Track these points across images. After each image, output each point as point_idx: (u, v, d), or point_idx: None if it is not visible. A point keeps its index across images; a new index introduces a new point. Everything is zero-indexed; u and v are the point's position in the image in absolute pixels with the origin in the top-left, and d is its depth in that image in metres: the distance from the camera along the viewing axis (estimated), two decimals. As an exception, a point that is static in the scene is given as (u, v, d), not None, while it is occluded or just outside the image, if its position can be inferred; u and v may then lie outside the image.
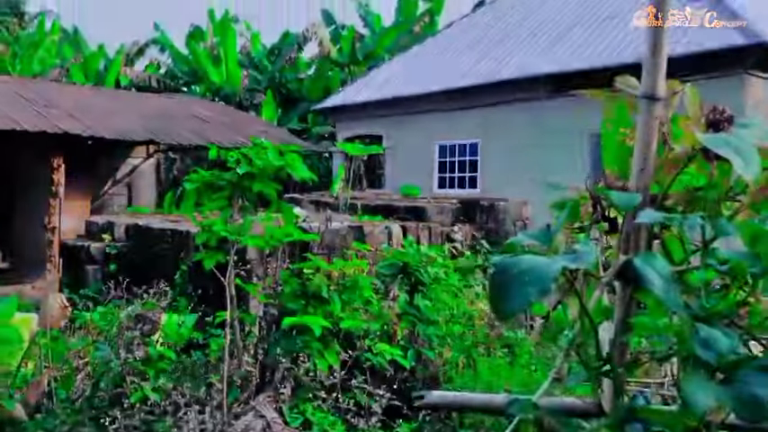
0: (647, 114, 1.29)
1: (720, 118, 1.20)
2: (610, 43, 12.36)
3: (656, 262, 1.02)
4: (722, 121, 1.20)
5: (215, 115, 17.80)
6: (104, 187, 15.81)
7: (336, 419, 3.65)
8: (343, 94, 17.97)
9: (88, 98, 16.38)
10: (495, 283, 1.08)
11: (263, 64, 24.59)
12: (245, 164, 4.16)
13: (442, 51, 16.84)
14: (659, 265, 1.01)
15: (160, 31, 25.13)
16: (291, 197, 9.64)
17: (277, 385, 3.84)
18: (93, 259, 7.96)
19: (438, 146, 15.15)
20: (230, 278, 3.95)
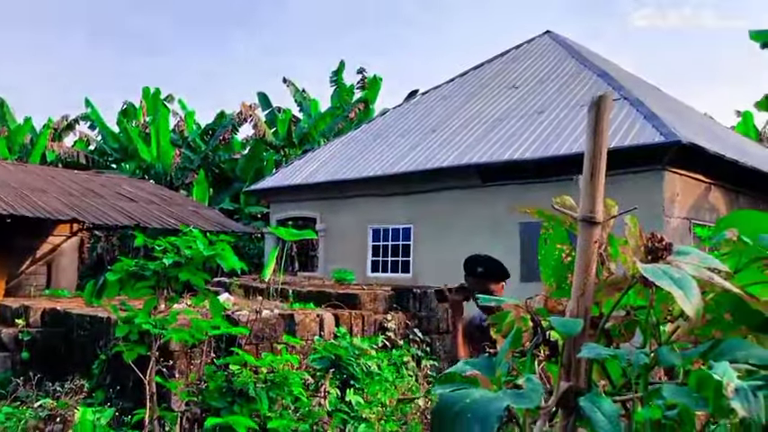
0: (585, 237, 1.29)
1: (659, 246, 1.21)
2: (539, 136, 12.89)
3: (602, 403, 0.98)
4: (660, 249, 1.21)
5: (144, 194, 17.44)
6: (22, 266, 15.06)
7: None
8: (278, 176, 17.98)
9: (10, 174, 15.81)
10: (438, 418, 1.02)
11: (197, 143, 24.50)
12: (172, 253, 4.02)
13: (376, 138, 17.20)
14: (606, 407, 0.98)
15: (91, 106, 24.80)
16: (219, 281, 9.39)
17: (197, 492, 3.58)
18: (3, 346, 7.45)
19: (372, 230, 15.23)
20: (151, 375, 3.73)
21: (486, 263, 3.47)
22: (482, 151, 13.38)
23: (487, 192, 13.10)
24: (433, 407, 1.02)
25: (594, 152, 1.29)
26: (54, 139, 25.67)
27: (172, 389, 4.35)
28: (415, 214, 14.35)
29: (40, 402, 4.79)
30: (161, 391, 4.32)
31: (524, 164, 12.30)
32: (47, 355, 7.31)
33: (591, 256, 1.29)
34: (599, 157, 1.30)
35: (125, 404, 5.52)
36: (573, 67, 15.72)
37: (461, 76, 18.70)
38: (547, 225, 1.55)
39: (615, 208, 1.39)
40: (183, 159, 24.06)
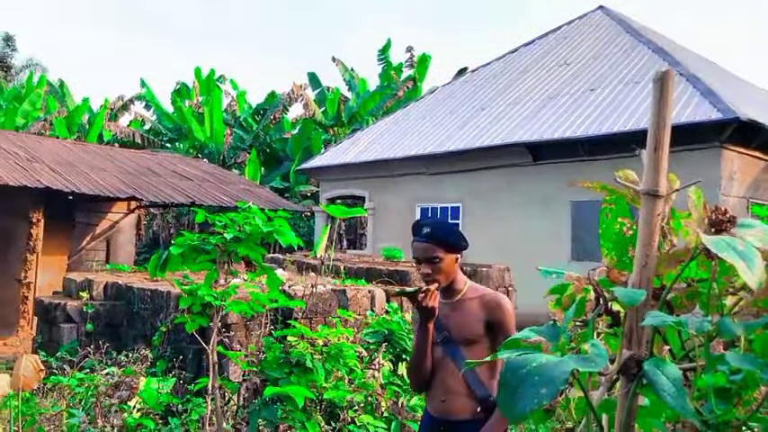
0: (648, 210, 1.32)
1: (722, 218, 1.23)
2: (591, 114, 12.68)
3: (666, 367, 1.02)
4: (724, 221, 1.23)
5: (199, 173, 17.83)
6: (82, 243, 15.63)
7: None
8: (327, 155, 18.14)
9: (71, 153, 16.35)
10: (504, 381, 1.07)
11: (248, 123, 24.84)
12: (232, 229, 4.15)
13: (424, 116, 17.16)
14: (670, 371, 1.01)
15: (146, 87, 25.36)
16: (273, 257, 9.59)
17: (258, 457, 3.73)
18: (69, 318, 7.79)
19: (420, 208, 15.27)
20: (213, 344, 3.88)
21: (434, 224, 2.77)
22: (533, 129, 13.24)
23: (538, 170, 12.98)
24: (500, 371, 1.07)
25: (659, 125, 1.31)
26: (110, 119, 26.37)
27: (232, 358, 4.51)
28: (464, 193, 14.33)
29: (107, 371, 5.03)
30: (220, 361, 4.49)
31: (576, 142, 12.14)
32: (109, 326, 7.63)
33: (653, 229, 1.31)
34: (663, 130, 1.32)
35: (185, 374, 5.75)
36: (627, 43, 15.34)
37: (512, 53, 18.45)
38: (608, 199, 1.58)
39: (677, 182, 1.41)
40: (235, 139, 24.46)
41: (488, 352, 2.65)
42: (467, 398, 2.66)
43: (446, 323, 2.73)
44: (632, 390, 1.21)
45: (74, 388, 4.46)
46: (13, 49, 37.57)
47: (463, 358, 2.64)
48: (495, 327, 2.69)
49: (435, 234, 2.72)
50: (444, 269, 2.71)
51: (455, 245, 2.76)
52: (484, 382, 2.66)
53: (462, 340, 2.69)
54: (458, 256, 2.79)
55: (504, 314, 2.70)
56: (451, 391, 2.68)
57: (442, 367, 2.71)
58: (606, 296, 1.33)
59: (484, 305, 2.72)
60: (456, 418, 2.67)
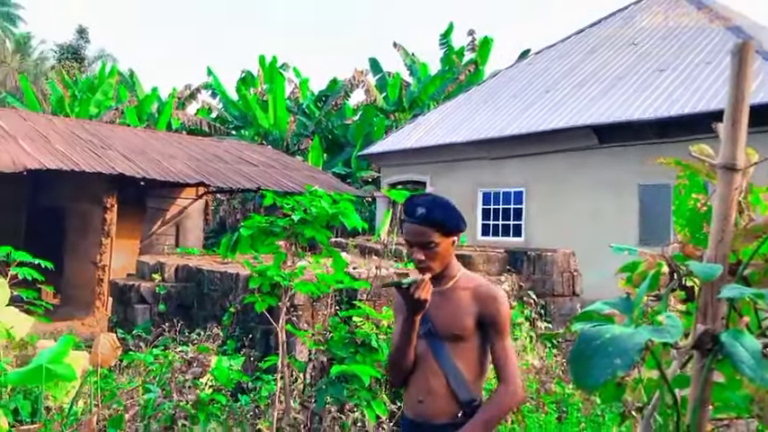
0: (725, 184, 1.30)
1: (803, 192, 1.20)
2: (660, 95, 12.30)
3: (744, 339, 1.01)
4: (805, 195, 1.20)
5: (264, 159, 18.18)
6: (153, 227, 16.19)
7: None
8: (388, 141, 18.20)
9: (142, 140, 16.91)
10: (578, 352, 1.08)
11: (311, 109, 25.12)
12: (299, 211, 4.24)
13: (486, 100, 16.99)
14: (748, 343, 1.00)
15: (212, 75, 25.93)
16: (337, 241, 9.72)
17: (325, 434, 3.83)
18: (142, 299, 8.12)
19: (482, 193, 15.16)
20: (282, 323, 3.99)
21: (431, 203, 2.39)
22: (599, 111, 12.94)
23: (604, 153, 12.69)
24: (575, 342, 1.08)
25: (737, 98, 1.29)
26: (178, 107, 27.11)
27: (300, 337, 4.63)
28: (527, 177, 14.15)
29: (180, 348, 5.23)
30: (288, 340, 4.60)
31: (644, 124, 11.80)
32: (181, 307, 7.91)
33: (730, 204, 1.29)
34: (741, 104, 1.30)
35: (253, 353, 5.93)
36: (698, 21, 14.77)
37: (577, 33, 18.03)
38: (681, 175, 1.56)
39: (755, 156, 1.38)
40: (298, 125, 24.80)
41: (478, 351, 2.36)
42: (447, 399, 2.33)
43: (432, 314, 2.38)
44: (707, 365, 1.21)
45: (149, 364, 4.66)
46: (86, 41, 38.98)
47: (447, 356, 2.34)
48: (488, 322, 2.35)
49: (432, 216, 2.34)
50: (440, 255, 2.36)
51: (453, 227, 2.39)
52: (469, 383, 2.33)
53: (448, 335, 2.36)
54: (455, 239, 2.42)
55: (498, 308, 2.36)
56: (431, 391, 2.36)
57: (423, 364, 2.39)
58: (681, 271, 1.32)
59: (477, 297, 2.36)
60: (434, 421, 2.36)
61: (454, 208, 2.44)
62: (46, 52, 41.54)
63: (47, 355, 4.85)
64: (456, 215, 2.42)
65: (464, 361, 2.34)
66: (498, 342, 2.33)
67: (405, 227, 2.41)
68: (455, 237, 2.40)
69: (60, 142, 14.18)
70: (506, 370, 2.31)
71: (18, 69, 36.04)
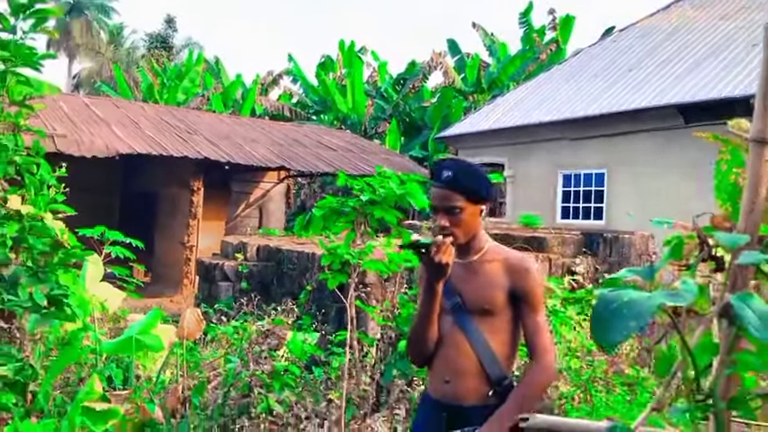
0: (756, 157, 1.33)
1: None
2: (751, 72, 11.73)
3: (753, 301, 1.06)
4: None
5: (341, 143, 18.49)
6: (238, 210, 16.80)
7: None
8: (466, 122, 18.12)
9: (226, 126, 17.54)
10: (597, 314, 1.16)
11: (389, 93, 25.26)
12: (368, 191, 4.38)
13: (567, 79, 16.63)
14: (756, 305, 1.05)
15: (293, 61, 26.46)
16: (411, 223, 9.84)
17: (392, 406, 3.98)
18: (226, 277, 8.52)
19: (562, 175, 14.91)
20: (351, 299, 4.15)
21: (458, 167, 2.26)
22: (685, 90, 12.46)
23: (690, 133, 12.23)
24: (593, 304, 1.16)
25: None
26: (261, 93, 27.85)
27: (369, 312, 4.80)
28: (609, 158, 13.81)
29: (259, 322, 5.50)
30: (359, 316, 4.78)
31: (733, 102, 11.29)
32: (261, 285, 8.25)
33: (761, 176, 1.32)
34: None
35: (328, 329, 6.15)
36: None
37: (664, 9, 17.35)
38: (724, 150, 1.58)
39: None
40: (376, 109, 25.01)
41: (509, 326, 2.23)
42: (477, 379, 2.20)
43: (459, 287, 2.26)
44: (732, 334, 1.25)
45: (230, 336, 4.95)
46: (174, 30, 40.49)
47: (477, 331, 2.21)
48: (521, 296, 2.21)
49: (458, 179, 2.21)
50: (465, 222, 2.22)
51: (481, 194, 2.25)
52: (500, 361, 2.21)
53: (478, 309, 2.22)
54: (482, 207, 2.27)
55: (532, 282, 2.23)
56: (459, 370, 2.22)
57: (450, 341, 2.25)
58: (710, 242, 1.36)
59: (508, 269, 2.22)
60: (462, 403, 2.21)
61: (483, 175, 2.32)
62: (137, 42, 43.50)
63: (137, 327, 5.21)
64: (484, 182, 2.28)
65: (495, 337, 2.21)
66: (530, 317, 2.20)
67: (431, 191, 2.29)
68: (483, 205, 2.26)
69: (150, 128, 14.92)
70: (539, 346, 2.19)
71: (112, 59, 37.91)
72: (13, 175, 4.16)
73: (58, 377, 4.35)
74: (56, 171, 4.32)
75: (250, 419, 3.90)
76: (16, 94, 4.17)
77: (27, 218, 4.06)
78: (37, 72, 4.28)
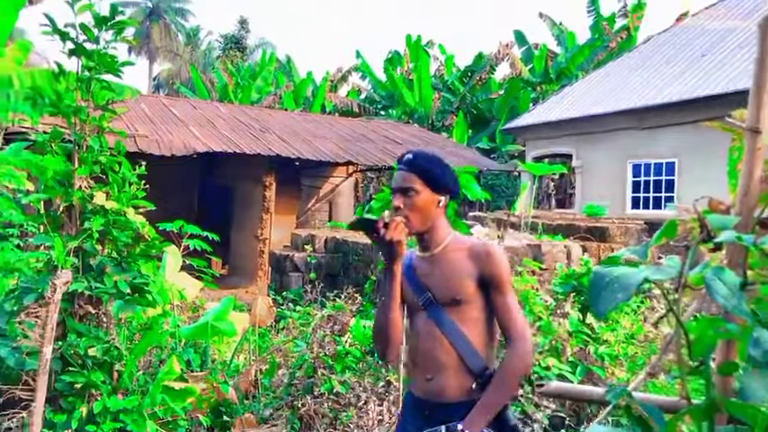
0: (750, 145, 1.45)
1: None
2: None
3: (723, 274, 1.20)
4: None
5: (409, 137, 18.68)
6: (308, 204, 17.27)
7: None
8: (534, 113, 17.99)
9: (296, 123, 18.02)
10: (593, 286, 1.32)
11: (455, 86, 25.28)
12: (425, 184, 4.57)
13: (638, 67, 16.27)
14: (726, 277, 1.19)
15: (361, 58, 26.81)
16: (475, 215, 9.96)
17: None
18: (296, 267, 8.87)
19: (632, 165, 14.65)
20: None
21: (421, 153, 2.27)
22: (761, 74, 12.03)
23: (766, 119, 11.82)
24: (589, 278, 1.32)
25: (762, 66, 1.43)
26: (331, 90, 28.35)
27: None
28: (680, 147, 13.48)
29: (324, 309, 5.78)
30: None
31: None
32: (329, 275, 8.56)
33: (755, 162, 1.44)
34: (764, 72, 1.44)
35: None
36: None
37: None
38: (735, 138, 1.69)
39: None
40: (443, 102, 25.08)
41: (483, 314, 2.18)
42: (459, 373, 2.15)
43: (427, 282, 2.22)
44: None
45: (297, 320, 5.24)
46: (247, 31, 41.60)
47: (452, 323, 2.16)
48: (489, 282, 2.16)
49: (416, 162, 2.20)
50: (419, 207, 2.17)
51: (438, 182, 2.20)
52: (479, 351, 2.16)
53: (449, 301, 2.18)
54: (440, 198, 2.22)
55: (497, 265, 2.16)
56: (440, 366, 2.17)
57: (426, 337, 2.20)
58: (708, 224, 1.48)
59: (472, 256, 2.18)
60: (446, 399, 2.17)
61: (447, 165, 2.27)
62: (212, 43, 44.92)
63: (212, 313, 5.57)
64: (446, 172, 2.24)
65: (470, 327, 2.16)
66: (500, 299, 2.16)
67: (394, 177, 2.26)
68: (442, 196, 2.22)
69: (225, 127, 15.52)
70: (513, 329, 2.14)
71: (189, 60, 39.30)
72: (99, 173, 4.55)
73: (140, 359, 4.72)
74: (137, 169, 4.69)
75: (314, 398, 4.17)
76: (100, 99, 4.55)
77: (111, 213, 4.43)
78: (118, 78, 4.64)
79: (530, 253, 6.45)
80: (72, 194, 4.33)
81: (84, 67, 4.41)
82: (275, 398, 4.72)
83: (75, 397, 4.13)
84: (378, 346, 2.30)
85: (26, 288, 4.28)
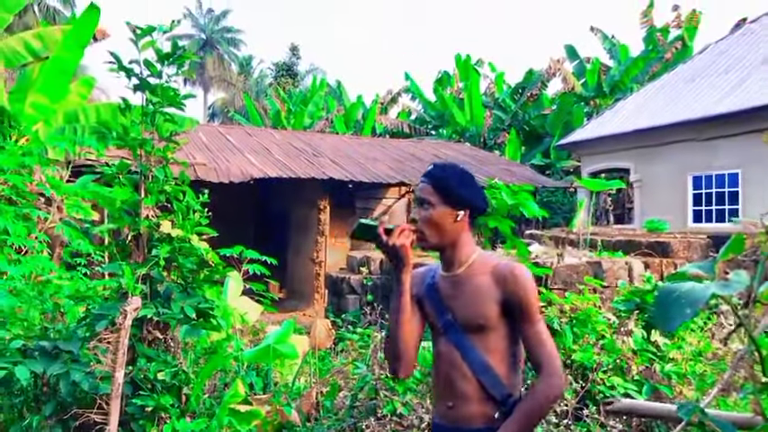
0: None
1: None
2: None
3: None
4: None
5: (461, 156, 18.68)
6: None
7: (565, 443, 3.83)
8: (588, 128, 17.75)
9: (348, 146, 18.24)
10: (659, 303, 1.32)
11: (507, 103, 25.18)
12: (480, 204, 4.58)
13: (695, 77, 15.91)
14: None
15: (410, 79, 27.01)
16: (531, 233, 9.87)
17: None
18: (352, 290, 8.95)
19: (692, 177, 14.28)
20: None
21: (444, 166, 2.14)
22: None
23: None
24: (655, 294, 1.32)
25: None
26: (381, 112, 28.62)
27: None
28: (743, 158, 13.08)
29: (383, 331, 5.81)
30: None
31: None
32: (386, 296, 8.60)
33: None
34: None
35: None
36: None
37: (800, -6, 16.21)
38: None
39: None
40: (494, 120, 25.01)
41: (507, 341, 2.07)
42: (481, 402, 2.05)
43: (449, 304, 2.12)
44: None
45: (356, 342, 5.28)
46: (298, 58, 42.49)
47: (473, 350, 2.05)
48: (514, 307, 2.04)
49: (435, 174, 2.10)
50: (434, 221, 2.08)
51: (454, 195, 2.08)
52: (503, 379, 2.05)
53: (472, 326, 2.06)
54: (459, 213, 2.09)
55: (523, 289, 2.03)
56: (460, 394, 2.07)
57: (446, 362, 2.10)
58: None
59: (497, 278, 2.05)
60: (467, 427, 2.07)
61: (468, 178, 2.13)
62: (264, 71, 46.01)
63: (273, 336, 5.66)
64: (467, 186, 2.10)
65: (493, 355, 2.05)
66: (528, 327, 2.03)
67: (416, 191, 2.17)
68: (460, 211, 2.09)
69: (279, 153, 15.84)
70: (542, 359, 2.00)
71: (242, 88, 40.33)
72: (164, 202, 4.72)
73: (206, 382, 4.84)
74: (199, 197, 4.85)
75: (377, 420, 4.19)
76: (164, 131, 4.73)
77: (176, 240, 4.59)
78: (181, 110, 4.83)
79: (590, 270, 6.35)
80: (139, 223, 4.50)
81: (149, 101, 4.62)
82: (337, 420, 4.76)
83: (146, 420, 4.26)
84: (388, 361, 2.20)
85: (98, 315, 4.46)
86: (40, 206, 6.79)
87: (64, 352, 4.37)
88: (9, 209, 5.49)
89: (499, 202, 4.54)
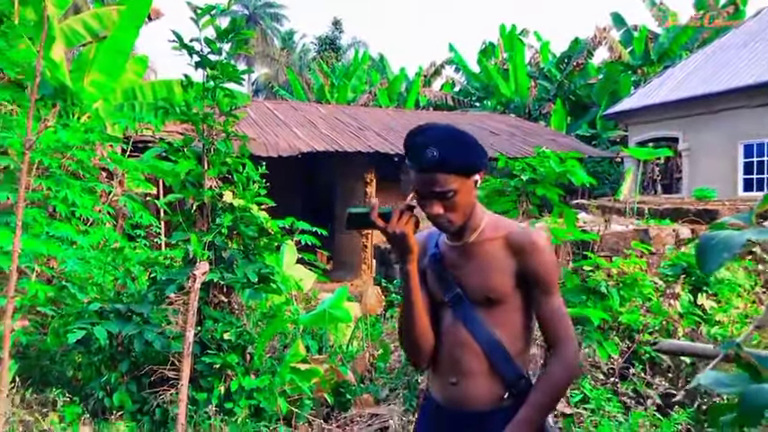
0: None
1: None
2: None
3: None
4: None
5: (506, 127, 18.64)
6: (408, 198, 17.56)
7: (613, 398, 3.99)
8: (635, 97, 17.49)
9: (392, 119, 18.37)
10: (700, 248, 1.47)
11: (552, 73, 24.88)
12: (528, 171, 4.71)
13: (746, 43, 15.52)
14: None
15: (454, 51, 26.86)
16: (579, 203, 9.91)
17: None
18: (400, 260, 9.17)
19: (743, 145, 14.02)
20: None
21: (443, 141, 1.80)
22: None
23: None
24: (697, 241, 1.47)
25: None
26: (425, 85, 28.57)
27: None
28: (796, 124, 12.80)
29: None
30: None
31: None
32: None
33: None
34: None
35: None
36: None
37: None
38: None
39: None
40: (539, 90, 24.75)
41: (520, 315, 1.87)
42: (489, 380, 1.85)
43: (457, 275, 1.90)
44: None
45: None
46: (341, 31, 42.45)
47: (483, 325, 1.84)
48: (532, 279, 1.83)
49: (447, 158, 1.77)
50: (462, 204, 1.83)
51: (473, 165, 1.82)
52: (513, 357, 1.84)
53: (481, 299, 1.85)
54: (476, 178, 1.84)
55: (541, 258, 1.82)
56: (466, 370, 1.86)
57: (452, 338, 1.89)
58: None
59: (512, 247, 1.84)
60: (471, 407, 1.87)
61: (471, 141, 1.86)
62: (307, 45, 46.20)
63: (328, 302, 5.93)
64: (475, 149, 1.84)
65: (504, 330, 1.85)
66: (544, 301, 1.83)
67: (413, 177, 1.87)
68: (477, 175, 1.84)
69: (325, 127, 16.08)
70: (558, 337, 1.82)
71: (285, 63, 40.60)
72: (225, 174, 4.99)
73: (267, 343, 5.13)
74: (258, 169, 5.10)
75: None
76: (224, 106, 4.98)
77: (238, 209, 4.86)
78: (240, 85, 5.05)
79: (637, 237, 6.41)
80: (203, 194, 4.78)
81: (209, 77, 4.86)
82: (390, 379, 5.01)
83: (214, 377, 4.57)
84: (408, 356, 2.01)
85: (167, 280, 4.77)
86: (102, 180, 7.15)
87: (136, 314, 4.71)
88: (76, 183, 5.83)
89: (547, 170, 4.66)
